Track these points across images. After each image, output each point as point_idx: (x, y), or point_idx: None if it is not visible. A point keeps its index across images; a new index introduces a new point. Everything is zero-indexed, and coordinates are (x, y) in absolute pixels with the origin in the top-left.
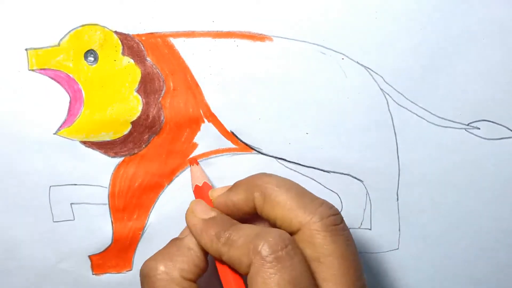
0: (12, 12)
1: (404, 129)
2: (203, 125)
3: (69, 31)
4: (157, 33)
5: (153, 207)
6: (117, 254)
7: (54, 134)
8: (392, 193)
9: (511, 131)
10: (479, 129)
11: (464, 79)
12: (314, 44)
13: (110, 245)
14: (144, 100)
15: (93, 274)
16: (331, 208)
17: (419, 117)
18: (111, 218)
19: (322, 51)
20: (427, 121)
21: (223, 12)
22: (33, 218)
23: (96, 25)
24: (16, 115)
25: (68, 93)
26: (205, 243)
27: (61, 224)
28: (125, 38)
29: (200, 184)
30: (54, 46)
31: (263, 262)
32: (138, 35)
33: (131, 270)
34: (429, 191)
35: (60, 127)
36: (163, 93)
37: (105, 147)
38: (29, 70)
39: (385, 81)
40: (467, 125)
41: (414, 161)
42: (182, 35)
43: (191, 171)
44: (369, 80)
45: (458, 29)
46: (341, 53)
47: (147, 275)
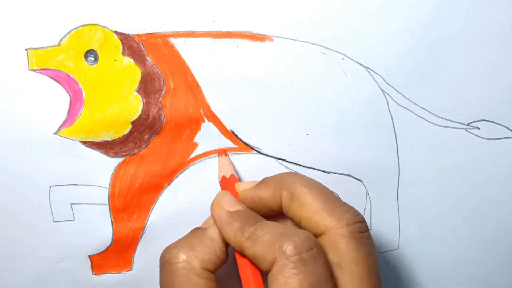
0: (12, 12)
1: (404, 129)
2: (203, 125)
3: (69, 31)
4: (157, 33)
5: (153, 207)
6: (117, 254)
7: (54, 134)
8: (392, 193)
9: (511, 131)
10: (479, 129)
11: (464, 79)
12: (314, 44)
13: (110, 245)
14: (144, 100)
15: (93, 274)
16: (357, 215)
17: (419, 117)
18: (111, 218)
19: (322, 51)
20: (427, 121)
21: (223, 12)
22: (33, 218)
23: (96, 25)
24: (16, 115)
25: (68, 93)
26: (229, 235)
27: (61, 224)
28: (125, 38)
29: (227, 175)
30: (54, 46)
31: (287, 261)
32: (138, 35)
33: (131, 270)
34: (429, 191)
35: (60, 127)
36: (163, 93)
37: (105, 147)
38: (29, 70)
39: (385, 81)
40: (467, 125)
41: (414, 161)
42: (182, 35)
43: (219, 161)
44: (369, 80)
45: (458, 29)
46: (341, 53)
47: (167, 262)
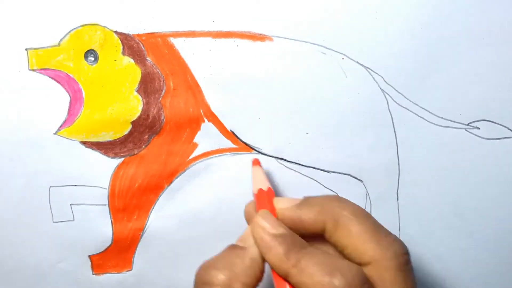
0: (12, 12)
1: (404, 129)
2: (203, 125)
3: (69, 31)
4: (157, 33)
5: (153, 208)
6: (117, 254)
7: (54, 134)
8: (392, 193)
9: (511, 131)
10: (479, 129)
11: (464, 79)
12: (314, 44)
13: (110, 245)
14: (144, 100)
15: (93, 274)
16: (404, 246)
17: (419, 117)
18: (111, 218)
19: (322, 51)
20: (427, 121)
21: (223, 12)
22: (33, 218)
23: (96, 25)
24: (16, 115)
25: (68, 93)
26: (273, 260)
27: (61, 224)
28: (125, 38)
29: (265, 188)
30: (54, 46)
31: None
32: (138, 35)
33: (131, 270)
34: (429, 191)
35: (60, 127)
36: (163, 93)
37: (105, 147)
38: (29, 70)
39: (385, 81)
40: (467, 125)
41: (414, 161)
42: (182, 35)
43: (253, 172)
44: (369, 80)
45: (458, 29)
46: (341, 53)
47: (207, 283)
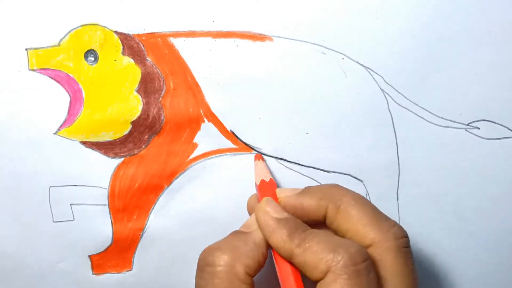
0: (12, 12)
1: (404, 129)
2: (203, 125)
3: (69, 31)
4: (157, 33)
5: (153, 208)
6: (117, 254)
7: (54, 134)
8: (392, 193)
9: (511, 131)
10: (479, 129)
11: (464, 79)
12: (314, 44)
13: (110, 245)
14: (144, 100)
15: (93, 274)
16: (403, 229)
17: (419, 117)
18: (111, 218)
19: (322, 51)
20: (427, 121)
21: (223, 12)
22: (33, 218)
23: (96, 25)
24: (16, 115)
25: (68, 93)
26: (277, 242)
27: (61, 224)
28: (125, 38)
29: (267, 179)
30: (54, 46)
31: (341, 272)
32: (138, 35)
33: (131, 270)
34: (429, 191)
35: (60, 127)
36: (163, 93)
37: (105, 147)
38: (29, 70)
39: (385, 81)
40: (467, 125)
41: (414, 161)
42: (182, 35)
43: (256, 165)
44: (369, 80)
45: (458, 29)
46: (341, 53)
47: (211, 264)
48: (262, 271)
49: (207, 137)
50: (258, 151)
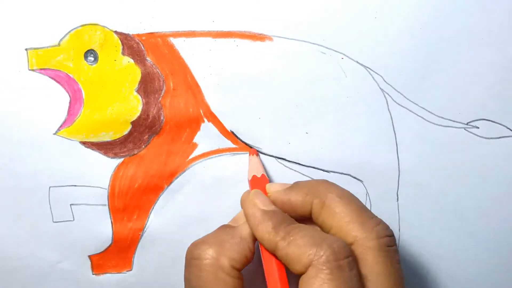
0: (12, 12)
1: (403, 129)
2: (203, 125)
3: (69, 31)
4: (157, 33)
5: (153, 208)
6: (117, 254)
7: (54, 134)
8: (392, 193)
9: (510, 130)
10: (478, 128)
11: (463, 79)
12: (314, 43)
13: (110, 245)
14: (144, 100)
15: (93, 274)
16: (387, 228)
17: (418, 116)
18: (110, 218)
19: (322, 50)
20: (427, 121)
21: (223, 12)
22: (33, 218)
23: (96, 25)
24: (16, 115)
25: (68, 93)
26: (262, 234)
27: (61, 224)
28: (125, 38)
29: (258, 175)
30: (54, 46)
31: (323, 267)
32: (138, 35)
33: (131, 270)
34: (429, 191)
35: (60, 127)
36: (163, 93)
37: (104, 147)
38: (29, 70)
39: (385, 81)
40: (466, 124)
41: (413, 161)
42: (182, 35)
43: (250, 160)
44: (369, 79)
45: (457, 29)
46: (341, 53)
47: (197, 257)
48: (254, 266)
49: (207, 137)
50: (258, 151)
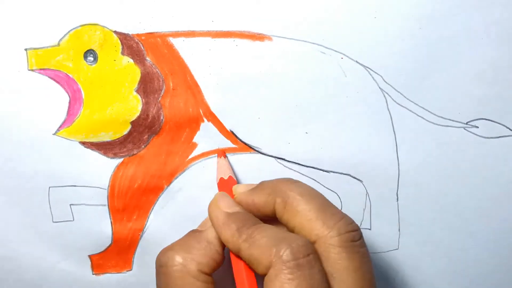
0: (12, 12)
1: (403, 128)
2: (202, 125)
3: (69, 31)
4: (156, 32)
5: (153, 208)
6: (117, 254)
7: (53, 134)
8: (392, 193)
9: (510, 129)
10: (478, 127)
11: (463, 78)
12: (313, 43)
13: (110, 245)
14: (143, 100)
15: (93, 274)
16: (350, 223)
17: (418, 116)
18: (110, 219)
19: (321, 50)
20: (426, 120)
21: (223, 11)
22: (32, 218)
23: (95, 25)
24: (15, 115)
25: (67, 93)
26: (226, 236)
27: (60, 224)
28: (124, 38)
29: (225, 177)
30: (53, 46)
31: (283, 266)
32: (137, 35)
33: (131, 270)
34: (429, 190)
35: (59, 127)
36: (162, 93)
37: (104, 147)
38: (28, 70)
39: (384, 80)
40: (466, 123)
41: (413, 160)
42: (181, 35)
43: (217, 163)
44: (369, 79)
45: (457, 29)
46: (341, 53)
47: (163, 265)
48: (227, 268)
49: (206, 137)
50: (257, 151)
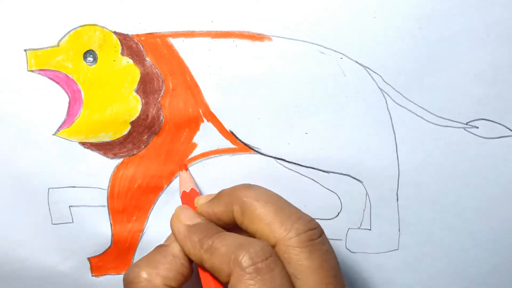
0: (11, 12)
1: (403, 129)
2: (202, 125)
3: (68, 32)
4: (156, 33)
5: (153, 208)
6: (117, 256)
7: (53, 135)
8: (392, 193)
9: (510, 130)
10: (478, 128)
11: (463, 78)
12: (313, 43)
13: (109, 247)
14: (143, 100)
15: (92, 276)
16: (309, 222)
17: (418, 116)
18: (110, 220)
19: (321, 50)
20: (426, 120)
21: (222, 12)
22: (32, 220)
23: (95, 25)
24: (15, 115)
25: (67, 93)
26: (188, 249)
27: (60, 226)
28: (124, 38)
29: (187, 190)
30: (53, 46)
31: (243, 273)
32: (137, 35)
33: None
34: (429, 191)
35: (59, 128)
36: (162, 93)
37: (104, 148)
38: (28, 70)
39: (384, 81)
40: (466, 124)
41: (413, 161)
42: (181, 35)
43: (180, 176)
44: (368, 79)
45: (457, 29)
46: (340, 53)
47: (130, 282)
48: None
49: (206, 137)
50: (257, 151)
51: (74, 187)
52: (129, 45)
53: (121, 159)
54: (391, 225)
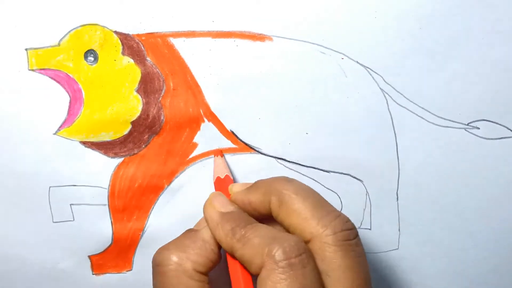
0: (12, 12)
1: (403, 129)
2: (203, 125)
3: (69, 31)
4: (157, 33)
5: (153, 208)
6: (117, 254)
7: (54, 134)
8: (392, 193)
9: (511, 131)
10: (479, 128)
11: (463, 79)
12: (313, 43)
13: (110, 245)
14: (144, 100)
15: (93, 274)
16: (346, 222)
17: (418, 116)
18: (110, 218)
19: (321, 50)
20: (427, 121)
21: (223, 12)
22: (33, 218)
23: (96, 25)
24: (16, 115)
25: (68, 93)
26: (220, 236)
27: (61, 224)
28: (125, 38)
29: (222, 176)
30: (54, 46)
31: (275, 266)
32: (138, 35)
33: (131, 270)
34: (429, 191)
35: (60, 127)
36: (163, 93)
37: (105, 147)
38: (29, 70)
39: (385, 81)
40: (467, 124)
41: (414, 161)
42: (182, 35)
43: (214, 162)
44: (369, 79)
45: (457, 29)
46: (341, 53)
47: (159, 264)
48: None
49: (207, 137)
50: (258, 151)
51: (75, 185)
52: (130, 45)
53: (122, 159)
54: (391, 225)
